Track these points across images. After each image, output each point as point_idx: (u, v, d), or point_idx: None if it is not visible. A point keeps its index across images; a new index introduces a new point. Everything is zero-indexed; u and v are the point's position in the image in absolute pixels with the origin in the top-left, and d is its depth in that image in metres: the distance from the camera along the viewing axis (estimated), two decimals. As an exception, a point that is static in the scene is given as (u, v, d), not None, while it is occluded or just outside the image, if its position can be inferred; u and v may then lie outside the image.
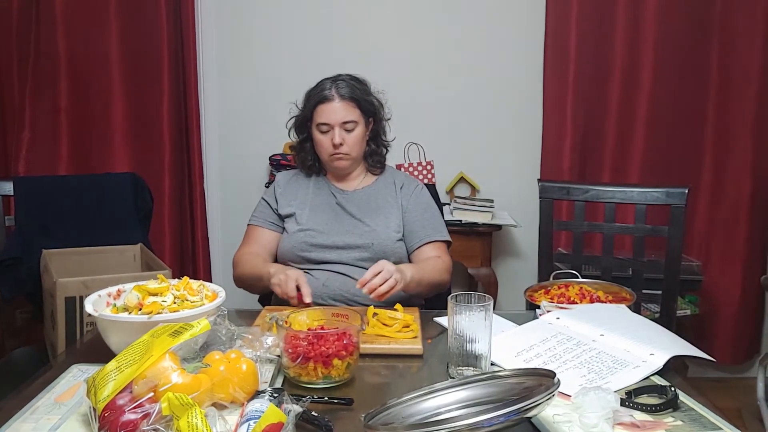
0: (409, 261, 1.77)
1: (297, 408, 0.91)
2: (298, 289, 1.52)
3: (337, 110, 1.71)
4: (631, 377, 1.11)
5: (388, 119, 1.86)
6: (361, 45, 2.91)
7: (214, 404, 0.95)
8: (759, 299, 2.85)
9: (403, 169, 2.84)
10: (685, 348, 1.23)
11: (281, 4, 2.92)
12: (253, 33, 2.94)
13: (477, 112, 2.96)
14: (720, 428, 0.95)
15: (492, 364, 1.19)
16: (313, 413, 0.96)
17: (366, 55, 2.87)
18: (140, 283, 1.26)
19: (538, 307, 1.49)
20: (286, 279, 1.53)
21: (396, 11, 2.92)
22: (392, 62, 2.90)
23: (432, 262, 1.70)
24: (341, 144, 1.72)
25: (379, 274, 1.46)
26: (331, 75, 1.78)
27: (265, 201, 1.85)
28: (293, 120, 1.83)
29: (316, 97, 1.74)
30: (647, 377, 1.12)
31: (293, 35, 2.93)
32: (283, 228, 1.80)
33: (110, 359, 0.97)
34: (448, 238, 1.81)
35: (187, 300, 1.24)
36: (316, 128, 1.75)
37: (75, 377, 1.14)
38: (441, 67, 2.94)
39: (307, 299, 1.51)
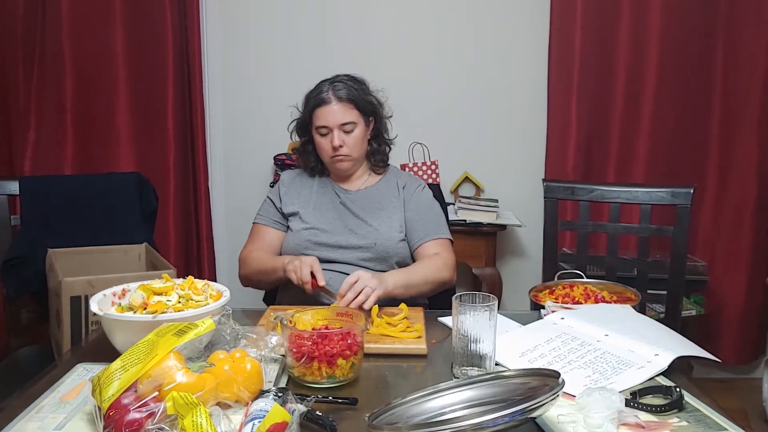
0: (413, 259, 1.77)
1: (301, 407, 0.92)
2: (313, 276, 1.53)
3: (334, 113, 1.71)
4: (636, 378, 1.11)
5: (389, 117, 1.86)
6: (367, 45, 2.91)
7: (218, 403, 0.95)
8: (764, 300, 2.84)
9: (407, 169, 2.84)
10: (690, 348, 1.22)
11: (285, 3, 2.92)
12: (257, 32, 2.95)
13: (481, 112, 2.96)
14: (725, 429, 0.95)
15: (496, 364, 1.19)
16: (317, 413, 0.96)
17: (371, 55, 2.87)
18: (145, 282, 1.27)
19: (543, 307, 1.48)
20: (300, 265, 1.55)
21: (401, 12, 2.92)
22: (397, 62, 2.90)
23: (427, 262, 1.70)
24: (341, 146, 1.72)
25: (353, 285, 1.46)
26: (329, 76, 1.78)
27: (270, 200, 1.86)
28: (294, 123, 1.83)
29: (313, 100, 1.74)
30: (652, 378, 1.12)
31: (298, 35, 2.93)
32: (288, 227, 1.80)
33: (115, 358, 0.97)
34: (449, 236, 1.80)
35: (191, 299, 1.24)
36: (316, 131, 1.75)
37: (80, 376, 1.14)
38: (446, 67, 2.94)
39: (321, 282, 1.53)
